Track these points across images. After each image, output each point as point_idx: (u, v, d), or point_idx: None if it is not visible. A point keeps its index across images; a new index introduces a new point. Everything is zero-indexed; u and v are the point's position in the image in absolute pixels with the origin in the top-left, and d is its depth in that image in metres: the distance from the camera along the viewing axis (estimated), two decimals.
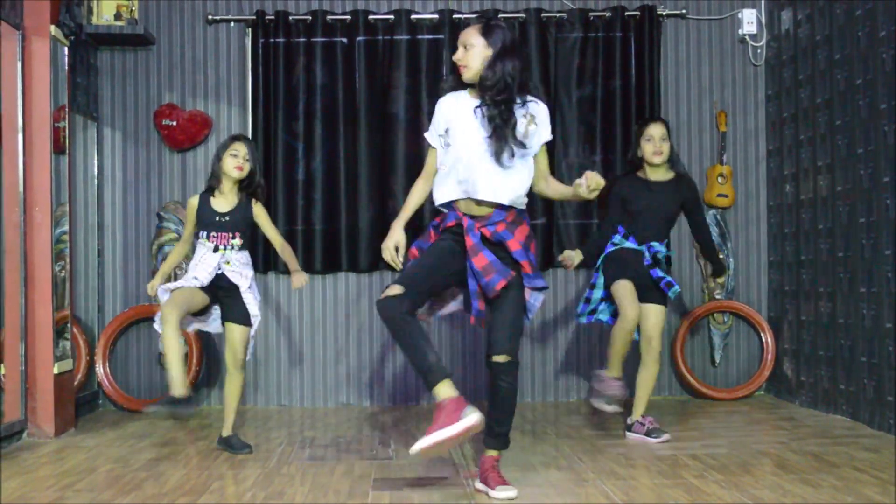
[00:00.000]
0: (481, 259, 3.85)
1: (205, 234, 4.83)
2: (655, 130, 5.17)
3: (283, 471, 4.40)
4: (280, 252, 5.06)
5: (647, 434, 5.05)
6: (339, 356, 6.50)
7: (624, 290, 5.07)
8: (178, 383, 4.44)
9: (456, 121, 3.98)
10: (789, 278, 6.36)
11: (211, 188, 4.92)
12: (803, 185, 6.14)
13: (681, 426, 5.50)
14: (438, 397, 3.76)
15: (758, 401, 6.39)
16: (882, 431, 5.13)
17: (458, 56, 3.96)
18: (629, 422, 5.17)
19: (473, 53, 3.91)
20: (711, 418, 5.78)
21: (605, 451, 4.80)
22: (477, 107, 3.92)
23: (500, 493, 3.83)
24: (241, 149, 4.87)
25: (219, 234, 4.83)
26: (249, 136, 6.37)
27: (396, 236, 4.01)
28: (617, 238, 5.18)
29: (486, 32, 3.90)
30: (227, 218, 4.85)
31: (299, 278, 4.93)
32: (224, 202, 4.87)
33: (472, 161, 3.90)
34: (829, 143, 5.79)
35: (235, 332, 4.82)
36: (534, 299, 4.02)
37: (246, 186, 4.93)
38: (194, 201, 4.90)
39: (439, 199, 4.05)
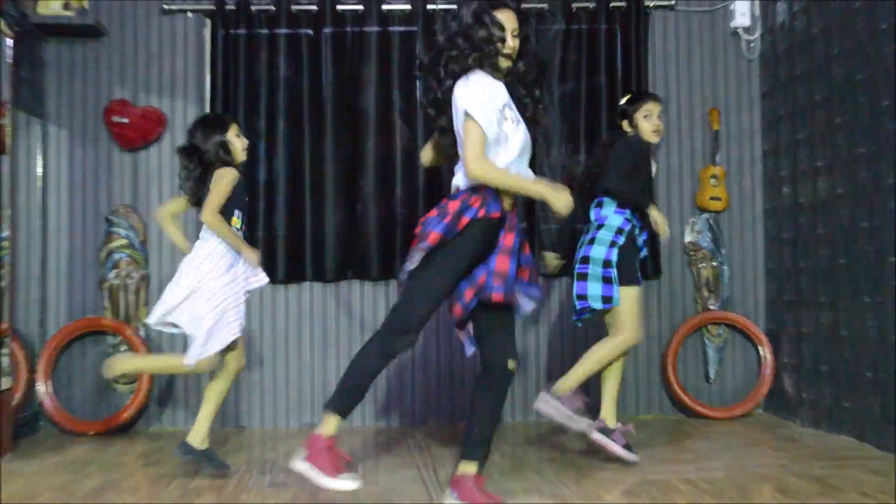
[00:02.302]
0: (504, 263, 3.85)
1: (239, 213, 4.79)
2: (655, 107, 5.18)
3: (241, 498, 4.34)
4: None
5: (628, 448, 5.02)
6: (303, 373, 6.44)
7: (635, 304, 5.05)
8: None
9: (509, 104, 3.95)
10: (788, 287, 6.36)
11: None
12: (801, 188, 6.15)
13: (673, 448, 5.51)
14: None
15: (756, 420, 6.39)
16: (889, 453, 5.12)
17: (513, 45, 3.92)
18: (611, 427, 5.04)
19: (518, 42, 3.96)
20: (706, 439, 5.78)
21: (590, 475, 4.76)
22: (522, 95, 4.03)
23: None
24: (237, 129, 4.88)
25: (243, 217, 4.87)
26: None
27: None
28: (629, 213, 5.07)
29: (520, 20, 3.99)
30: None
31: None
32: None
33: (524, 149, 4.00)
34: (828, 142, 5.81)
35: None
36: (525, 304, 4.04)
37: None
38: (234, 172, 4.77)
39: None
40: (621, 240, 5.00)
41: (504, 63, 3.92)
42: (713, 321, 6.57)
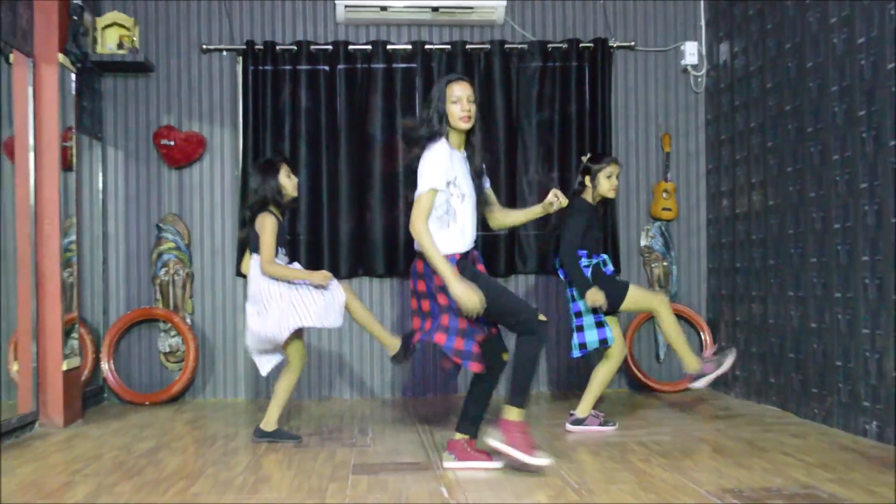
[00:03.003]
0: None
1: (282, 250, 4.70)
2: (615, 169, 5.08)
3: (270, 457, 4.41)
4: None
5: (603, 424, 5.09)
6: (322, 354, 6.49)
7: (618, 327, 5.13)
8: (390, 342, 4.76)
9: (459, 173, 4.08)
10: (726, 283, 6.41)
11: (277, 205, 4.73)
12: (739, 200, 6.20)
13: (629, 416, 5.53)
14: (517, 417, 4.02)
15: (697, 393, 6.38)
16: (807, 420, 5.20)
17: (469, 109, 4.05)
18: (580, 416, 5.10)
19: (474, 107, 4.09)
20: (656, 409, 5.81)
21: (561, 437, 4.84)
22: (468, 155, 4.19)
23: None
24: (289, 168, 4.82)
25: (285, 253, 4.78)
26: (240, 154, 6.39)
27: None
28: (585, 260, 5.02)
29: (472, 88, 4.13)
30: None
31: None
32: None
33: (473, 214, 4.15)
34: (761, 162, 5.84)
35: None
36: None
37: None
38: (275, 219, 4.66)
39: (456, 248, 4.05)
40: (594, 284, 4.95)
41: (468, 126, 4.06)
42: None
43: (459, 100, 4.04)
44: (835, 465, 4.04)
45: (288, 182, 4.74)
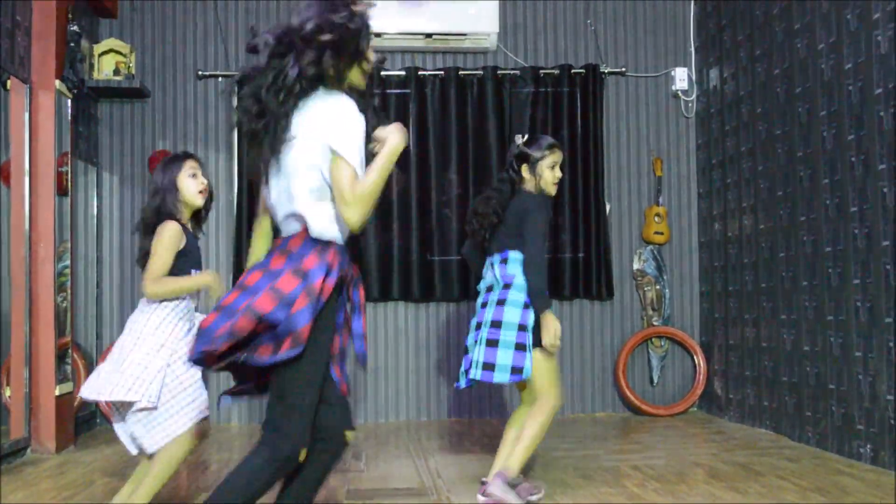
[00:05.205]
0: (360, 324, 2.78)
1: (194, 272, 3.49)
2: (560, 157, 4.07)
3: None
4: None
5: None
6: None
7: (553, 365, 3.90)
8: None
9: None
10: (719, 307, 6.39)
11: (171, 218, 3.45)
12: (730, 224, 6.20)
13: (623, 440, 5.51)
14: None
15: (691, 416, 6.41)
16: (802, 443, 5.17)
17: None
18: (513, 482, 3.88)
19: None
20: (650, 433, 5.79)
21: (555, 462, 4.79)
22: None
23: None
24: (197, 167, 3.55)
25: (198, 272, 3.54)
26: (235, 179, 6.37)
27: None
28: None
29: None
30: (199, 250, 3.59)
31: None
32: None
33: None
34: (752, 186, 5.84)
35: None
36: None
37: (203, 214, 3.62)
38: (177, 227, 3.42)
39: (343, 232, 2.70)
40: None
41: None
42: (657, 335, 6.58)
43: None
44: (829, 488, 4.01)
45: (189, 183, 3.49)
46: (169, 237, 3.36)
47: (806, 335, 5.15)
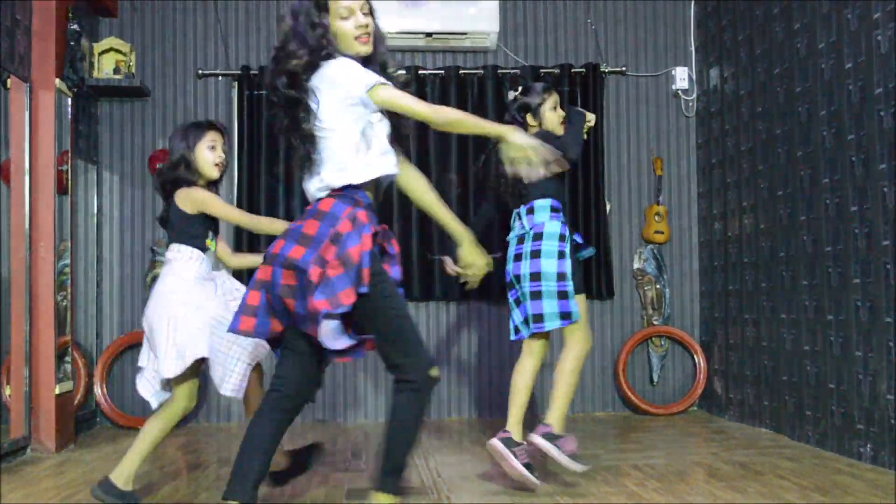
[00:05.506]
0: (398, 270, 3.00)
1: (212, 235, 3.63)
2: (557, 98, 4.33)
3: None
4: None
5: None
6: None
7: (584, 310, 4.21)
8: None
9: None
10: (719, 306, 6.39)
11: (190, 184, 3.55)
12: (730, 223, 6.20)
13: (623, 439, 5.50)
14: None
15: (691, 416, 6.41)
16: (802, 442, 5.17)
17: (367, 22, 2.90)
18: (556, 433, 4.13)
19: (375, 23, 2.94)
20: (650, 432, 5.79)
21: (555, 462, 4.75)
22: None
23: None
24: (218, 139, 3.60)
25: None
26: (235, 177, 6.37)
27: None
28: (563, 217, 4.19)
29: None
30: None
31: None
32: None
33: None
34: (752, 185, 5.84)
35: None
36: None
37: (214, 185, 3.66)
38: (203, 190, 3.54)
39: (371, 175, 2.85)
40: (566, 247, 4.07)
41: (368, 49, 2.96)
42: (657, 334, 6.59)
43: (352, 13, 2.89)
44: (830, 488, 4.00)
45: (207, 154, 3.53)
46: (205, 194, 3.51)
47: (806, 335, 5.15)
